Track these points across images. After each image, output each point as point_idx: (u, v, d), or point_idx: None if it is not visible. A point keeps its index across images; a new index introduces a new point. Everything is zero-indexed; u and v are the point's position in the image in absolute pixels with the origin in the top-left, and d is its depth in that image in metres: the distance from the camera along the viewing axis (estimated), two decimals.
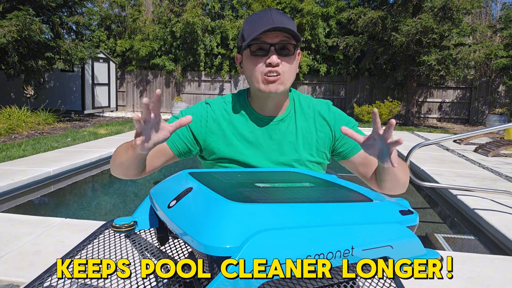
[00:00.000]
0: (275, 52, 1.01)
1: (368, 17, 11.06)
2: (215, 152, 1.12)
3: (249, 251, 0.56)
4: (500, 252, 2.93)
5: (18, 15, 8.27)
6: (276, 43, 1.01)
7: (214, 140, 1.12)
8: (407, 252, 0.76)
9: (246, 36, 1.03)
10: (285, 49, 1.03)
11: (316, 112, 1.16)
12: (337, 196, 0.81)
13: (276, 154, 1.11)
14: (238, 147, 1.10)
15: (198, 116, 1.13)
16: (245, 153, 1.10)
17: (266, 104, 1.11)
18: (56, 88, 12.35)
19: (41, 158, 5.28)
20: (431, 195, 4.81)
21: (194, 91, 14.46)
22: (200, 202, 0.68)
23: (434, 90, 13.46)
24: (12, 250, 2.50)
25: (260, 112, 1.13)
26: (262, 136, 1.11)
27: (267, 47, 1.01)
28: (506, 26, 12.23)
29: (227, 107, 1.14)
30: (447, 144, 7.75)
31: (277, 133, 1.12)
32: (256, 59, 1.03)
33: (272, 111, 1.12)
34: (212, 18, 14.28)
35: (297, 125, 1.13)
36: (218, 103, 1.15)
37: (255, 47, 1.02)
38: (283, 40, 1.01)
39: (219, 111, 1.14)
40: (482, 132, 3.47)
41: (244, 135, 1.11)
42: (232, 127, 1.12)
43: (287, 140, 1.12)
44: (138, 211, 0.92)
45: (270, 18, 1.01)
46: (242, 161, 1.10)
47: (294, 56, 1.06)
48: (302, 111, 1.15)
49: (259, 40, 1.01)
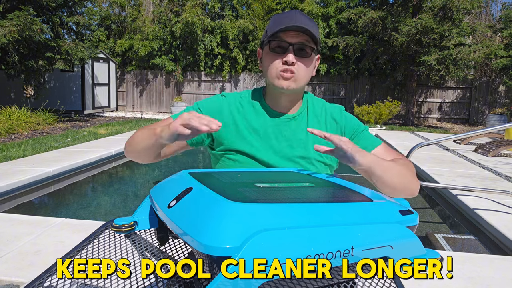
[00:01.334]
0: (292, 51, 1.05)
1: (368, 17, 11.06)
2: (224, 143, 1.14)
3: (249, 251, 0.56)
4: (500, 252, 2.93)
5: (18, 15, 8.27)
6: (294, 43, 1.05)
7: (226, 131, 1.14)
8: (407, 252, 0.76)
9: (269, 32, 1.07)
10: (303, 50, 1.06)
11: (328, 114, 1.19)
12: (337, 196, 0.81)
13: (285, 150, 1.13)
14: (247, 139, 1.13)
15: (213, 108, 1.16)
16: (255, 146, 1.12)
17: (279, 101, 1.15)
18: (56, 88, 12.35)
19: (41, 158, 5.28)
20: (431, 195, 4.81)
21: (194, 91, 14.46)
22: (200, 202, 0.68)
23: (434, 90, 13.46)
24: (12, 250, 2.50)
25: (274, 108, 1.16)
26: (273, 131, 1.14)
27: (285, 45, 1.05)
28: (506, 26, 12.23)
29: (242, 101, 1.18)
30: (447, 144, 7.75)
31: (287, 130, 1.14)
32: (274, 55, 1.07)
33: (285, 108, 1.16)
34: (212, 18, 14.28)
35: (309, 124, 1.16)
36: (233, 96, 1.19)
37: (274, 44, 1.06)
38: (302, 41, 1.05)
39: (234, 104, 1.17)
40: (482, 132, 3.47)
41: (256, 128, 1.14)
42: (244, 120, 1.15)
43: (297, 138, 1.14)
44: (138, 211, 0.92)
45: (294, 18, 1.04)
46: (250, 154, 1.12)
47: (311, 59, 1.09)
48: (314, 112, 1.18)
49: (280, 38, 1.05)
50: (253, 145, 1.12)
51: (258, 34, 13.46)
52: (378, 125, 11.34)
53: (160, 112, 14.68)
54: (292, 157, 1.12)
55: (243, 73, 14.09)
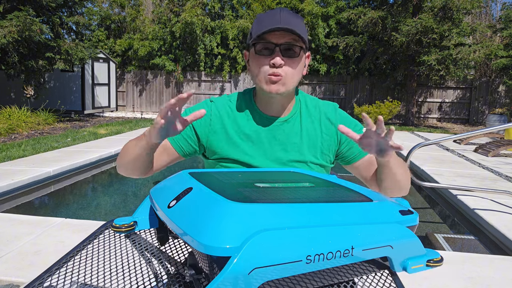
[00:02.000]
0: (279, 53, 1.00)
1: (368, 17, 11.06)
2: (217, 151, 1.11)
3: (249, 251, 0.56)
4: (500, 252, 2.93)
5: (18, 16, 8.27)
6: (281, 43, 1.00)
7: (216, 139, 1.11)
8: (407, 252, 0.76)
9: (253, 34, 1.02)
10: (290, 50, 1.01)
11: (323, 114, 1.15)
12: (337, 196, 0.80)
13: (279, 155, 1.10)
14: (240, 146, 1.09)
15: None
16: (248, 153, 1.09)
17: (270, 104, 1.10)
18: (56, 88, 12.35)
19: (41, 158, 5.28)
20: (431, 195, 4.81)
21: (194, 91, 14.45)
22: (200, 202, 0.68)
23: (434, 90, 13.46)
24: (12, 250, 2.50)
25: (265, 111, 1.12)
26: (266, 136, 1.10)
27: (272, 47, 1.00)
28: (506, 26, 12.23)
29: (232, 105, 1.13)
30: (447, 144, 7.75)
31: (281, 134, 1.11)
32: (261, 58, 1.02)
33: (276, 111, 1.11)
34: (212, 18, 14.28)
35: (302, 126, 1.12)
36: (223, 101, 1.15)
37: (260, 46, 1.02)
38: (289, 41, 1.00)
39: (224, 109, 1.12)
40: (482, 132, 3.47)
41: (247, 134, 1.10)
42: (235, 125, 1.11)
43: (291, 141, 1.10)
44: (138, 211, 0.92)
45: (278, 17, 1.00)
46: (244, 161, 1.09)
47: (300, 58, 1.04)
48: (308, 113, 1.14)
49: (265, 40, 1.00)
50: (246, 153, 1.09)
51: None
52: None
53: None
54: (286, 162, 1.10)
55: (243, 73, 14.09)
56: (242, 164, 1.10)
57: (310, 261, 0.61)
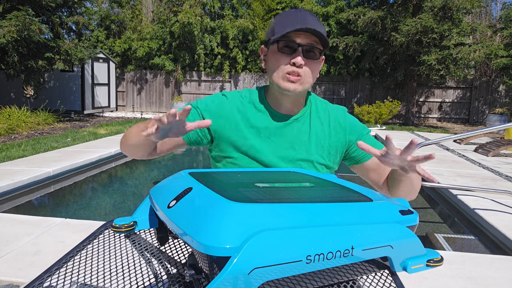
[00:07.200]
0: (301, 53, 1.02)
1: (368, 17, 11.06)
2: (225, 144, 1.12)
3: (249, 251, 0.56)
4: (500, 252, 2.93)
5: (17, 15, 8.27)
6: (304, 44, 1.02)
7: (227, 132, 1.12)
8: (407, 252, 0.76)
9: (277, 31, 1.03)
10: (312, 52, 1.03)
11: (332, 117, 1.16)
12: (337, 196, 0.80)
13: (286, 152, 1.11)
14: (249, 140, 1.10)
15: (214, 108, 1.14)
16: (255, 147, 1.10)
17: (282, 102, 1.12)
18: (56, 88, 12.35)
19: (41, 158, 5.28)
20: (431, 195, 4.81)
21: (194, 91, 14.46)
22: (200, 202, 0.68)
23: (434, 90, 13.46)
24: (12, 250, 2.50)
25: (276, 109, 1.13)
26: (275, 132, 1.11)
27: (294, 46, 1.02)
28: (506, 26, 12.23)
29: (243, 100, 1.15)
30: (447, 144, 7.75)
31: (290, 132, 1.12)
32: (282, 56, 1.04)
33: (287, 109, 1.13)
34: (212, 18, 14.28)
35: (311, 126, 1.14)
36: (234, 95, 1.16)
37: (283, 44, 1.03)
38: (312, 43, 1.02)
39: (235, 103, 1.14)
40: (482, 132, 3.47)
41: (257, 129, 1.11)
42: (245, 119, 1.12)
43: (300, 140, 1.12)
44: (138, 211, 0.92)
45: (304, 18, 1.02)
46: (251, 155, 1.10)
47: (319, 60, 1.06)
48: (317, 114, 1.16)
49: (289, 38, 1.02)
50: (255, 147, 1.10)
51: (258, 33, 13.46)
52: (378, 125, 11.33)
53: (160, 112, 14.67)
54: (294, 160, 1.11)
55: (243, 73, 14.09)
56: (248, 157, 1.10)
57: (310, 261, 0.61)
